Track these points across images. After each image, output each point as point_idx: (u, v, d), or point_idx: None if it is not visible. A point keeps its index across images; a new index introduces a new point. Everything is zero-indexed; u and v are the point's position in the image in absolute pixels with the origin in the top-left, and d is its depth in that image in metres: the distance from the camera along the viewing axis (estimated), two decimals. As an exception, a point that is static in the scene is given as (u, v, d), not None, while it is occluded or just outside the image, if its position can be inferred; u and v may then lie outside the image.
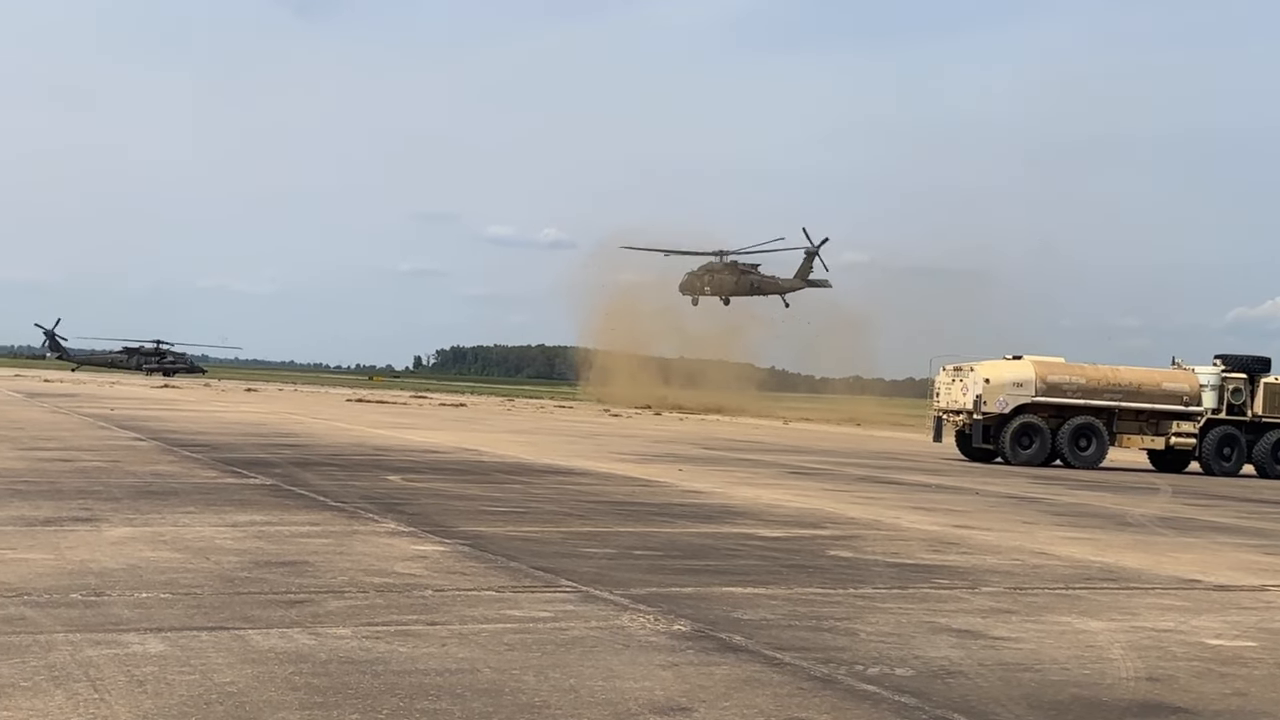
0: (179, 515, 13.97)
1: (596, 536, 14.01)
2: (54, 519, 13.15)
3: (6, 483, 16.54)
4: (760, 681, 7.50)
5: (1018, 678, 8.02)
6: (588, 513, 16.52)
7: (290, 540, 12.45)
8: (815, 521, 16.94)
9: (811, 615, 9.75)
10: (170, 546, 11.60)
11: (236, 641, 7.82)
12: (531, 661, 7.71)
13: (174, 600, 9.07)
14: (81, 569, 10.16)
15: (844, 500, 20.63)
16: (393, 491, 18.10)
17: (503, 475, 22.37)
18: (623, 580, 10.90)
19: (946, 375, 40.33)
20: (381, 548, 12.27)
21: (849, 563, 12.96)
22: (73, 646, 7.46)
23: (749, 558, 12.95)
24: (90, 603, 8.83)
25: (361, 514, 14.98)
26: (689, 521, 16.12)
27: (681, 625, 9.06)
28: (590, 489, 20.32)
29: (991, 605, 10.73)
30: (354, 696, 6.69)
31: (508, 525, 14.57)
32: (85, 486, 16.53)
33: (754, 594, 10.59)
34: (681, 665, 7.80)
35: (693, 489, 21.31)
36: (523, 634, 8.50)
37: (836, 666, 7.99)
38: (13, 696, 6.36)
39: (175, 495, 16.04)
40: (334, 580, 10.25)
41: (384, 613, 9.01)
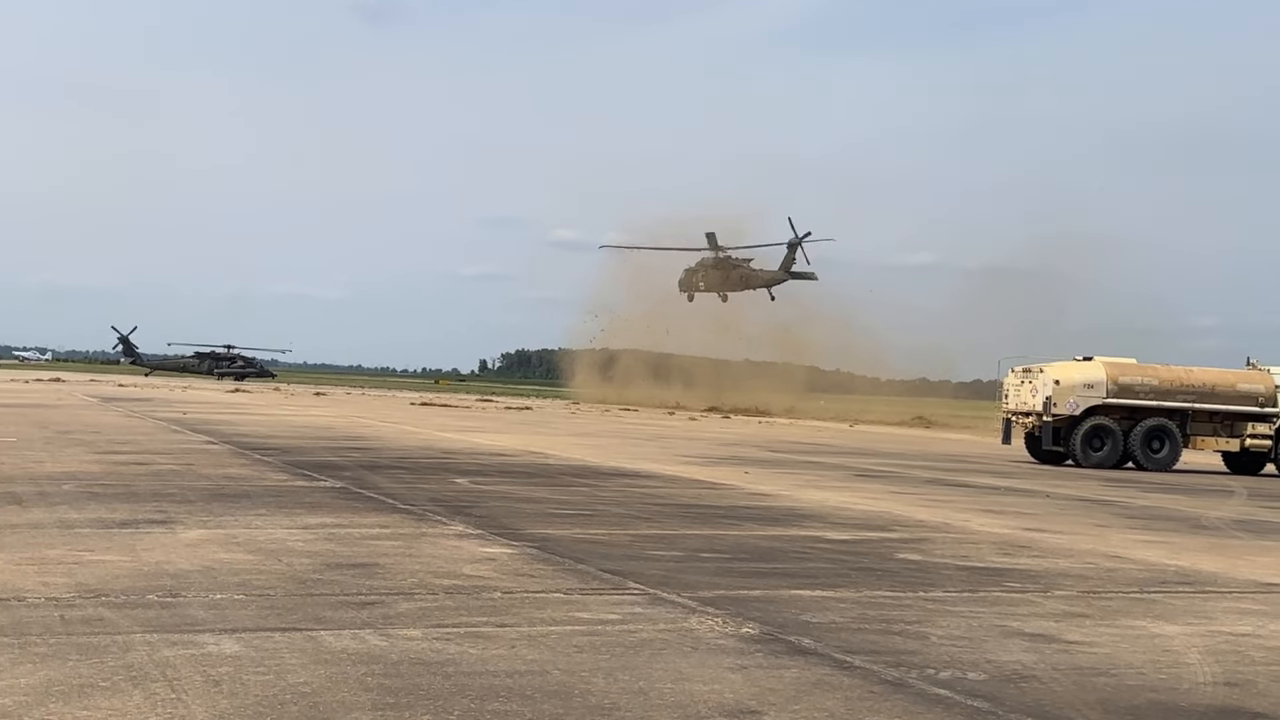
0: (251, 517, 14.14)
1: (663, 539, 14.02)
2: (130, 521, 13.35)
3: (84, 486, 16.82)
4: (830, 685, 7.47)
5: (1092, 682, 7.92)
6: (654, 515, 16.53)
7: (360, 542, 12.57)
8: (883, 524, 16.84)
9: (881, 618, 9.70)
10: (243, 548, 11.75)
11: (309, 642, 7.90)
12: (601, 664, 7.72)
13: (248, 601, 9.18)
14: (157, 570, 10.31)
15: (912, 503, 20.49)
16: (460, 494, 18.20)
17: (569, 478, 22.43)
18: (690, 583, 10.89)
19: (1015, 377, 39.95)
20: (450, 550, 12.35)
21: (918, 566, 12.87)
22: (150, 647, 7.57)
23: (817, 560, 12.90)
24: (166, 604, 8.96)
25: (430, 516, 15.08)
26: (756, 524, 16.08)
27: (750, 628, 9.04)
28: (656, 491, 20.33)
29: (1064, 609, 10.61)
30: (425, 698, 6.74)
31: (575, 528, 14.61)
32: (160, 489, 16.78)
33: (823, 597, 10.55)
34: (751, 668, 7.79)
35: (759, 491, 21.25)
36: (591, 636, 8.52)
37: (907, 670, 7.94)
38: (92, 696, 6.47)
39: (247, 498, 16.23)
40: (404, 582, 10.32)
41: (453, 614, 9.07)
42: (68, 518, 13.45)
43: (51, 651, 7.36)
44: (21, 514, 13.63)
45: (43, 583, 9.55)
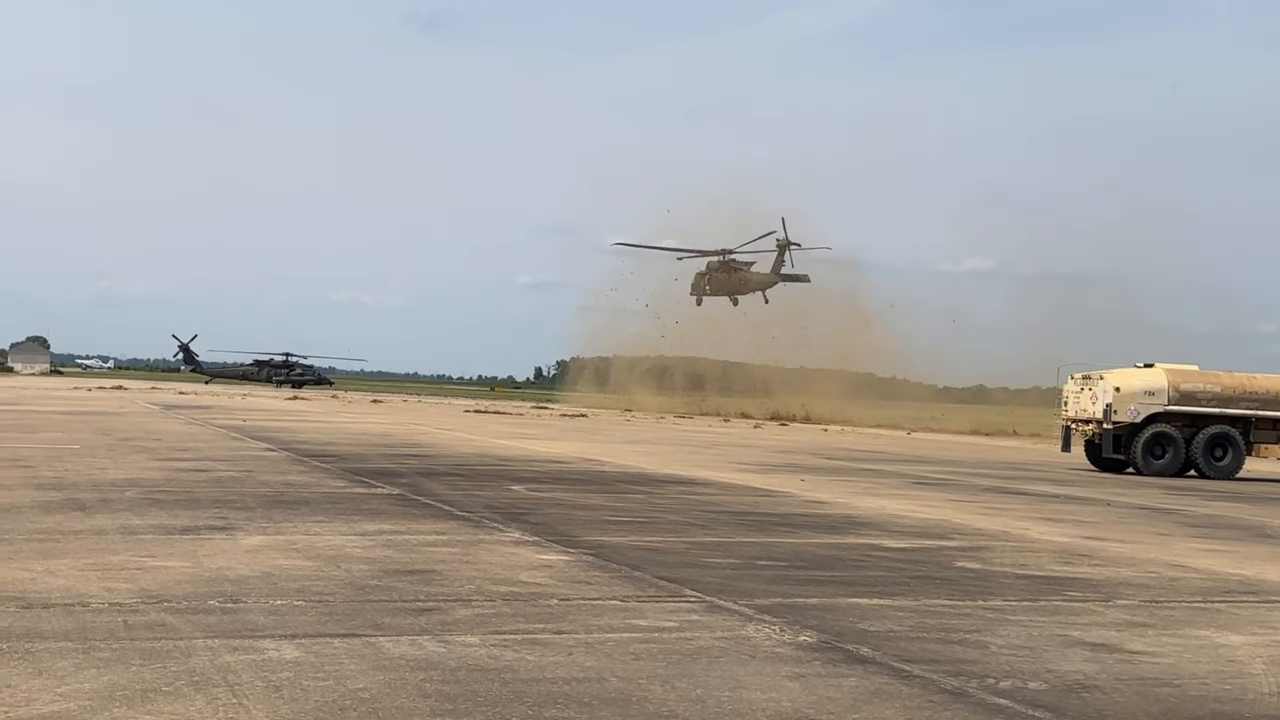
0: (310, 524, 14.25)
1: (720, 547, 13.99)
2: (191, 528, 13.50)
3: (146, 492, 17.02)
4: (889, 694, 7.42)
5: (1155, 693, 7.82)
6: (710, 523, 16.50)
7: (418, 549, 12.63)
8: (941, 532, 16.71)
9: (940, 627, 9.62)
10: (302, 555, 11.84)
11: (368, 648, 7.95)
12: (658, 671, 7.71)
13: (307, 607, 9.25)
14: (218, 576, 10.41)
15: (970, 511, 20.33)
16: (517, 501, 18.26)
17: (625, 485, 22.44)
18: (747, 590, 10.86)
19: (1075, 384, 39.53)
20: (507, 557, 12.38)
21: (977, 574, 12.76)
22: (211, 652, 7.65)
23: (874, 569, 12.82)
24: (227, 609, 9.04)
25: (486, 523, 15.13)
26: (812, 532, 16.02)
27: (807, 636, 9.00)
28: (712, 499, 20.29)
29: (1126, 618, 10.48)
30: (483, 704, 6.76)
31: (631, 535, 14.61)
32: (220, 496, 16.95)
33: (880, 605, 10.48)
34: (808, 676, 7.75)
35: (815, 499, 21.17)
36: (648, 643, 8.52)
37: (967, 679, 7.88)
38: (155, 701, 6.54)
39: (306, 504, 16.36)
40: (461, 589, 10.37)
41: (511, 621, 9.09)
42: (130, 524, 13.62)
43: (115, 656, 7.45)
44: (85, 520, 13.81)
45: (106, 588, 9.67)
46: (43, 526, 13.14)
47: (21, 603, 8.96)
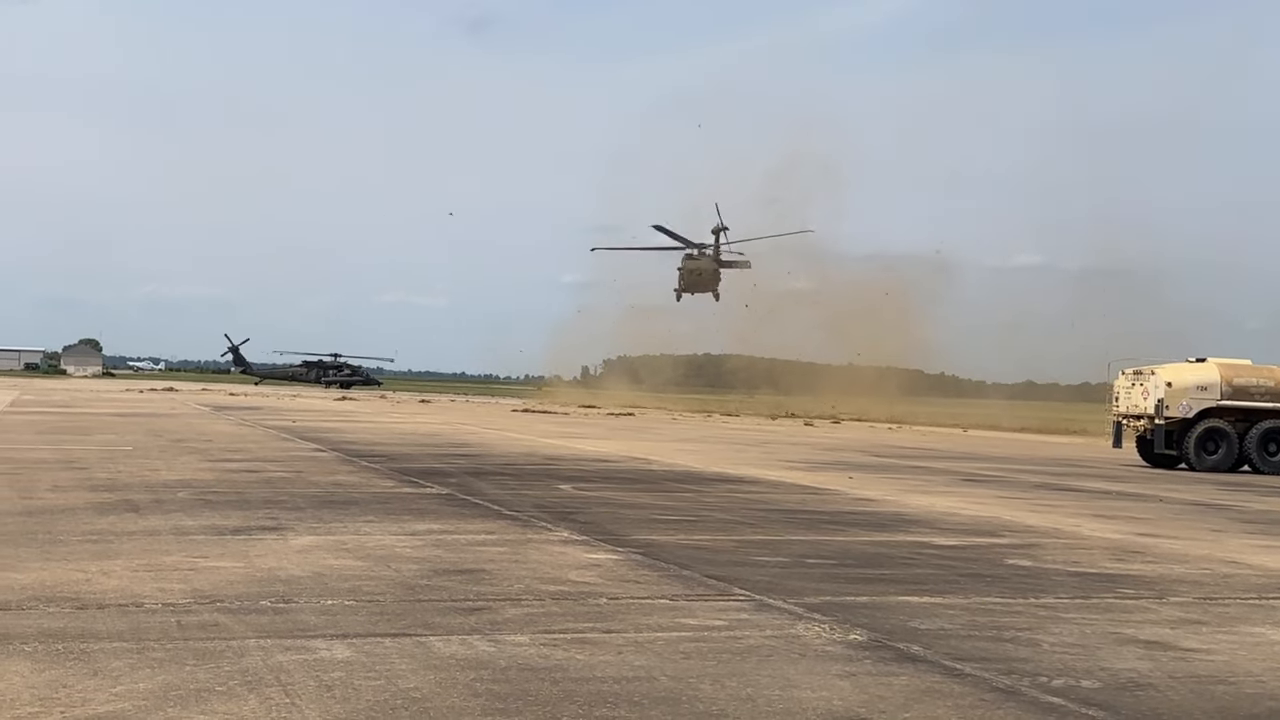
0: (360, 524, 14.33)
1: (768, 545, 13.96)
2: (243, 528, 13.61)
3: (197, 493, 17.18)
4: (940, 693, 7.38)
5: (1210, 690, 7.74)
6: (759, 521, 16.47)
7: (467, 549, 12.68)
8: (992, 530, 16.60)
9: (991, 625, 9.56)
10: (353, 555, 11.91)
11: (419, 648, 7.99)
12: (708, 670, 7.70)
13: (358, 607, 9.30)
14: (270, 576, 10.49)
15: (1021, 508, 20.18)
16: (565, 500, 18.29)
17: (673, 484, 22.43)
18: (796, 589, 10.83)
19: (1126, 379, 39.17)
20: (556, 556, 12.41)
21: (1028, 571, 12.67)
22: (264, 652, 7.71)
23: (924, 566, 12.75)
24: (279, 609, 9.11)
25: (535, 523, 15.17)
26: (861, 530, 15.95)
27: (857, 635, 8.96)
28: (760, 497, 20.25)
29: (1180, 616, 10.38)
30: (534, 703, 6.77)
31: (679, 534, 14.60)
32: (271, 496, 17.08)
33: (931, 603, 10.42)
34: (859, 675, 7.72)
35: (864, 497, 21.08)
36: (698, 642, 8.51)
37: (1019, 678, 7.82)
38: (209, 701, 6.59)
39: (356, 505, 16.46)
40: (511, 588, 10.40)
41: (560, 620, 9.11)
42: (183, 525, 13.75)
43: (169, 656, 7.52)
44: (138, 521, 13.96)
45: (159, 589, 9.77)
46: (97, 527, 13.29)
47: (77, 603, 9.06)
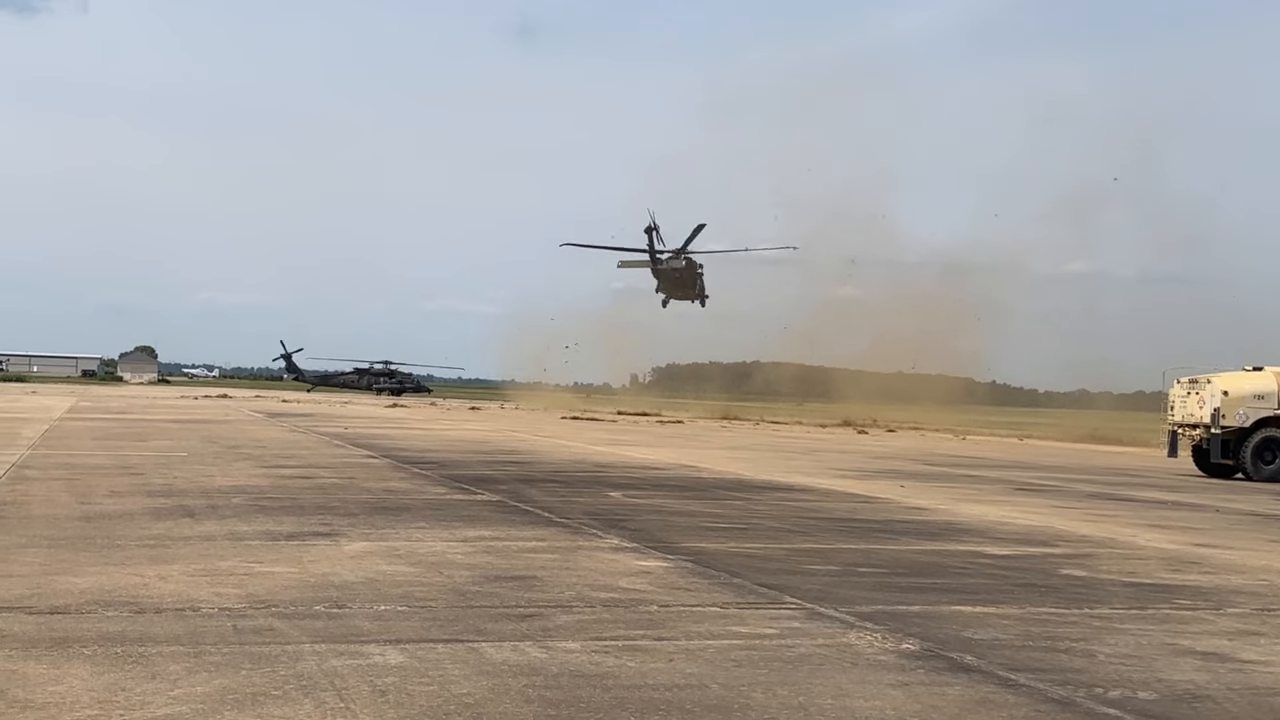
0: (412, 530, 14.42)
1: (819, 553, 13.91)
2: (296, 534, 13.72)
3: (252, 499, 17.34)
4: (995, 703, 7.33)
5: (1269, 703, 7.65)
6: (809, 529, 16.42)
7: (518, 555, 12.72)
8: (1045, 539, 16.47)
9: (1046, 635, 9.48)
10: (405, 561, 11.98)
11: (471, 654, 8.03)
12: (759, 678, 7.69)
13: (410, 613, 9.36)
14: (323, 582, 10.57)
15: (1074, 517, 20.00)
16: (614, 508, 18.31)
17: (722, 491, 22.41)
18: (848, 598, 10.79)
19: (1181, 388, 38.73)
20: (606, 563, 12.43)
21: (1083, 582, 12.56)
22: (318, 657, 7.77)
23: (977, 576, 12.67)
24: (333, 614, 9.18)
25: (585, 530, 15.20)
26: (913, 538, 15.87)
27: (910, 644, 8.92)
28: (811, 505, 20.19)
29: (1238, 627, 10.25)
30: (586, 710, 6.79)
31: (729, 541, 14.58)
32: (324, 503, 17.21)
33: (984, 613, 10.36)
34: (912, 685, 7.68)
35: (916, 505, 20.97)
36: (749, 650, 8.50)
37: (1075, 689, 7.75)
38: (265, 705, 6.66)
39: (407, 511, 16.56)
40: (561, 595, 10.42)
41: (611, 627, 9.12)
42: (237, 530, 13.88)
43: (225, 661, 7.60)
44: (194, 526, 14.11)
45: (215, 593, 9.86)
46: (154, 532, 13.44)
47: (134, 607, 9.17)
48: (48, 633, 8.21)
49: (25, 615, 8.75)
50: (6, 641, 7.90)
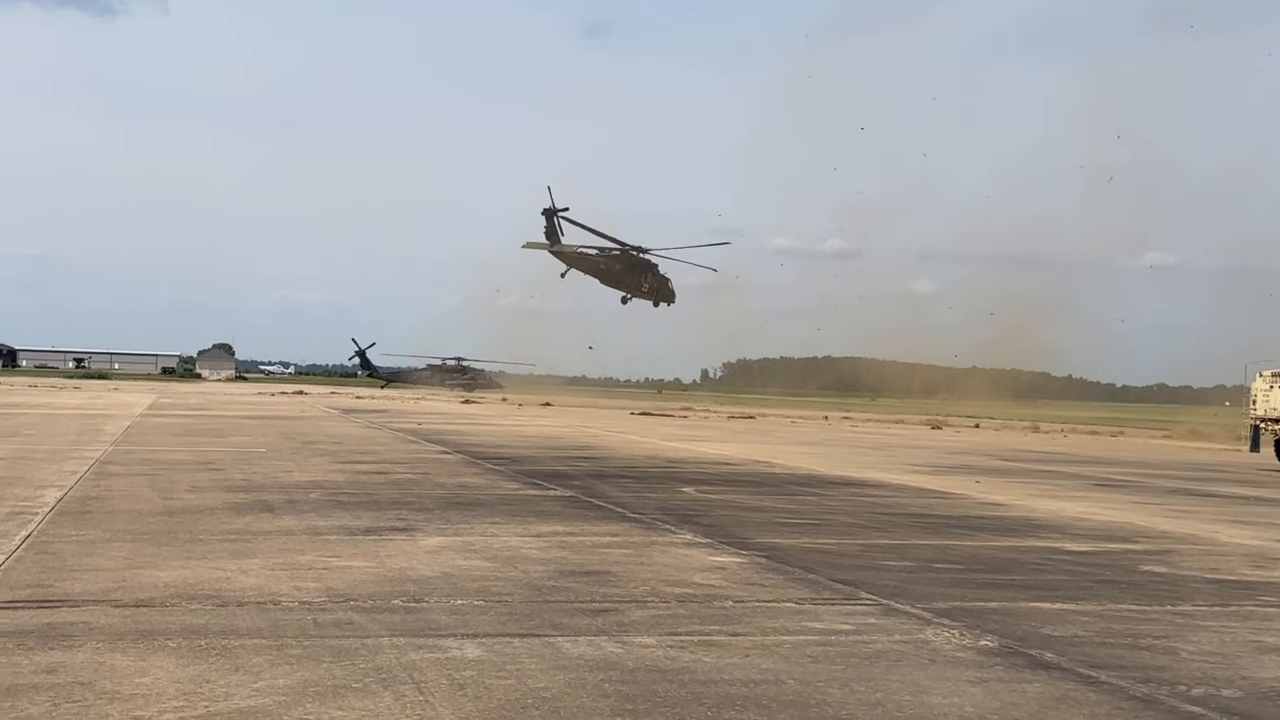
0: (486, 525, 14.51)
1: (894, 549, 13.83)
2: (373, 529, 13.86)
3: (329, 494, 17.54)
4: (1076, 700, 7.25)
5: (1360, 703, 7.49)
6: (884, 525, 16.32)
7: (592, 550, 12.76)
8: (1125, 535, 16.25)
9: (1127, 633, 9.36)
10: (480, 555, 12.06)
11: (547, 648, 8.07)
12: (835, 674, 7.66)
13: (487, 607, 9.42)
14: (401, 576, 10.67)
15: (1155, 513, 19.73)
16: (688, 503, 18.31)
17: (795, 487, 22.33)
18: (924, 594, 10.72)
19: (1264, 381, 38.11)
20: (680, 559, 12.43)
21: (1164, 578, 12.38)
22: (397, 650, 7.85)
23: (1056, 572, 12.53)
24: (410, 609, 9.26)
25: (659, 525, 15.21)
26: (990, 535, 15.73)
27: (988, 641, 8.84)
28: (885, 501, 20.07)
29: (1325, 625, 10.05)
30: (662, 704, 6.80)
31: (803, 537, 14.53)
32: (399, 498, 17.37)
33: (1064, 610, 10.24)
34: (991, 682, 7.61)
35: (992, 501, 20.78)
36: (825, 646, 8.47)
37: (1157, 686, 7.65)
38: (346, 697, 6.73)
39: (482, 506, 16.66)
40: (636, 590, 10.44)
41: (686, 623, 9.12)
42: (315, 525, 14.05)
43: (306, 654, 7.69)
44: (273, 521, 14.29)
45: (295, 587, 9.99)
46: (234, 527, 13.63)
47: (217, 601, 9.31)
48: (133, 625, 8.36)
49: (111, 608, 8.91)
50: (94, 634, 8.06)
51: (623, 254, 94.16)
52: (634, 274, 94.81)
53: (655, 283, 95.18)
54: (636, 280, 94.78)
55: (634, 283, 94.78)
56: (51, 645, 7.71)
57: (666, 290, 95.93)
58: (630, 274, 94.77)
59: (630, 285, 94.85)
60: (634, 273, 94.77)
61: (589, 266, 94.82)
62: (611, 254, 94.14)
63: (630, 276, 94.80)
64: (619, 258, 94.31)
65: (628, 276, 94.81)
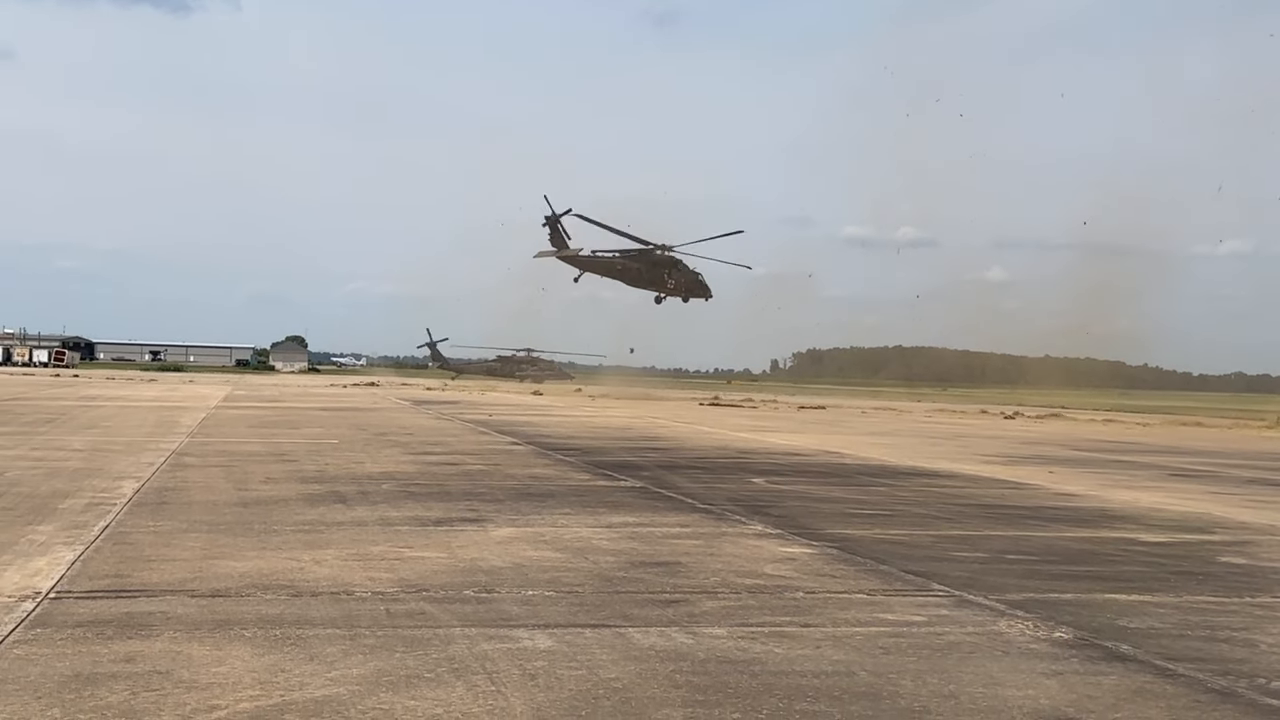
0: (557, 516, 14.56)
1: (966, 540, 13.71)
2: (444, 519, 13.96)
3: (400, 485, 17.68)
4: (1152, 693, 7.15)
5: None
6: (956, 516, 16.19)
7: (662, 541, 12.77)
8: (1202, 526, 16.00)
9: (1204, 625, 9.22)
10: (551, 546, 12.11)
11: (618, 639, 8.08)
12: (908, 666, 7.61)
13: (557, 598, 9.45)
14: (472, 567, 10.74)
15: (1233, 504, 19.40)
16: (758, 494, 18.26)
17: (866, 478, 22.20)
18: (997, 585, 10.62)
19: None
20: (750, 549, 12.40)
21: (1243, 570, 12.17)
22: (469, 640, 7.90)
23: (1131, 564, 12.36)
24: (482, 599, 9.32)
25: (729, 516, 15.19)
26: (1064, 525, 15.54)
27: (1063, 633, 8.74)
28: (957, 491, 19.90)
29: None
30: (733, 696, 6.79)
31: (874, 528, 14.45)
32: (470, 489, 17.48)
33: (1139, 601, 10.11)
34: (1066, 674, 7.53)
35: (1065, 491, 20.53)
36: (897, 638, 8.41)
37: (1236, 679, 7.53)
38: (418, 687, 6.79)
39: (552, 497, 16.72)
40: (706, 581, 10.43)
41: (757, 614, 9.10)
42: (388, 516, 14.17)
43: (379, 644, 7.76)
44: (346, 512, 14.43)
45: (368, 578, 10.08)
46: (308, 518, 13.79)
47: (292, 590, 9.42)
48: (210, 615, 8.48)
49: (188, 598, 9.05)
50: (171, 623, 8.19)
51: (641, 253, 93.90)
52: (656, 272, 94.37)
53: (681, 279, 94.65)
54: (660, 278, 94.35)
55: (658, 281, 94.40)
56: (129, 635, 7.84)
57: (697, 285, 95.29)
58: (653, 272, 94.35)
59: (655, 284, 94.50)
60: (656, 270, 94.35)
61: (604, 269, 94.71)
62: (629, 254, 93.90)
63: (653, 275, 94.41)
64: (637, 257, 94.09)
65: (650, 275, 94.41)
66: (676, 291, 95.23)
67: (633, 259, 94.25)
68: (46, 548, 11.11)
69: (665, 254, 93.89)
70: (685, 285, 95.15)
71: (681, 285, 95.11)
